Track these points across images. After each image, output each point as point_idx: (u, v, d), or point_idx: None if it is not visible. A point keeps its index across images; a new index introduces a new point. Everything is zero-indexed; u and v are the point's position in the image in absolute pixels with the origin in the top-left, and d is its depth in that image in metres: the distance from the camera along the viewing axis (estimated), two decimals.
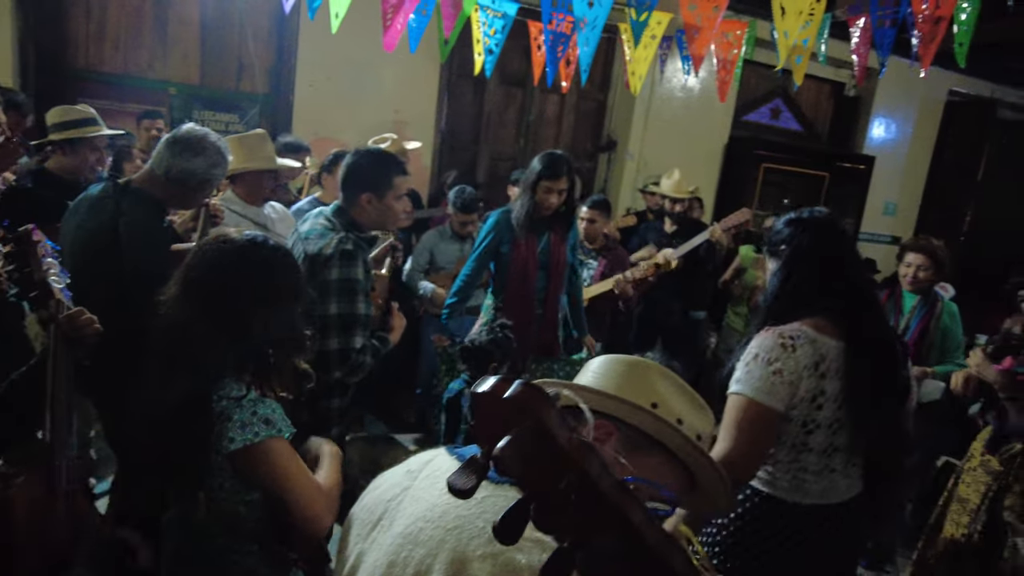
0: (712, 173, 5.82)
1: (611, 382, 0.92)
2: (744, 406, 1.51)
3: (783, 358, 1.49)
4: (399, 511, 0.85)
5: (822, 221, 1.71)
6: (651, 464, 0.87)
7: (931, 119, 6.67)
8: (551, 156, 2.79)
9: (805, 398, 1.50)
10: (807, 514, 1.58)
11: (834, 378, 1.52)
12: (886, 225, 6.67)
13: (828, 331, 1.54)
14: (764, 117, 6.15)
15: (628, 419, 0.87)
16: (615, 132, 5.60)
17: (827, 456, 1.56)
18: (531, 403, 0.40)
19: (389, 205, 2.10)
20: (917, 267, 3.09)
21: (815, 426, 1.53)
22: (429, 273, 3.61)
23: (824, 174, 6.07)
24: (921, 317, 3.12)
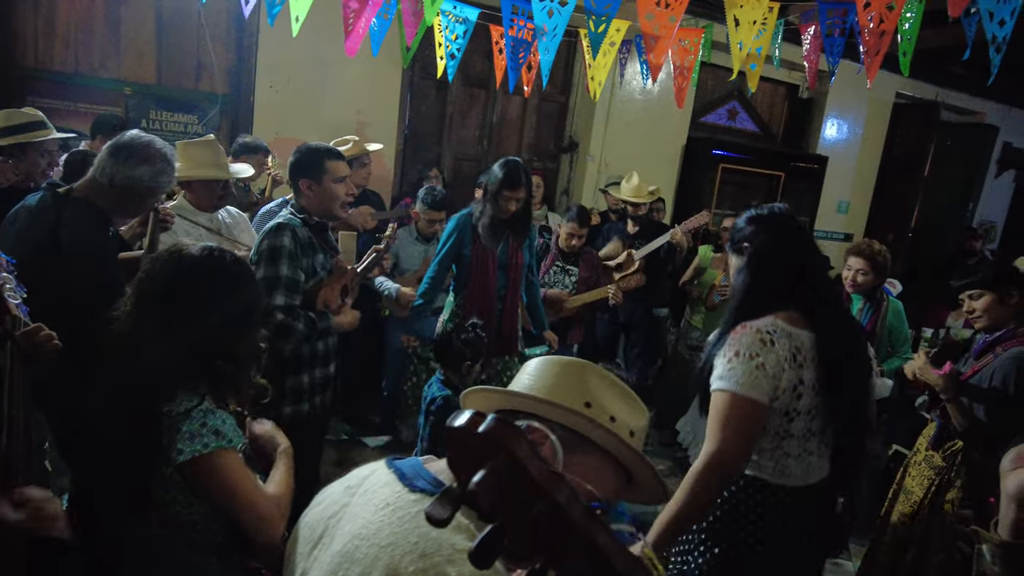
0: (672, 173, 5.93)
1: (545, 384, 0.94)
2: (731, 402, 1.55)
3: (764, 352, 1.55)
4: (338, 529, 0.87)
5: (782, 217, 1.77)
6: (588, 464, 0.90)
7: (880, 120, 6.90)
8: (510, 167, 2.91)
9: (787, 388, 1.56)
10: (791, 495, 1.65)
11: (810, 367, 1.58)
12: (839, 223, 6.89)
13: (800, 323, 1.61)
14: (722, 118, 6.29)
15: (562, 421, 0.90)
16: (577, 133, 5.66)
17: (805, 440, 1.63)
18: (504, 437, 0.43)
19: (327, 187, 2.28)
20: (857, 270, 3.21)
21: (796, 414, 1.60)
22: (394, 275, 3.60)
23: (780, 173, 6.24)
24: (869, 317, 3.24)
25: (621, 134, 5.55)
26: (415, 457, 0.92)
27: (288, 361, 2.23)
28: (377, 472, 0.90)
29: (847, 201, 6.85)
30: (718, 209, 6.05)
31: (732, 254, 1.79)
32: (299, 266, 2.18)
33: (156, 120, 4.28)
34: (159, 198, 2.21)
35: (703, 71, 3.44)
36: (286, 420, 2.23)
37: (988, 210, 7.99)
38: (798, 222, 1.79)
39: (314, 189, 2.28)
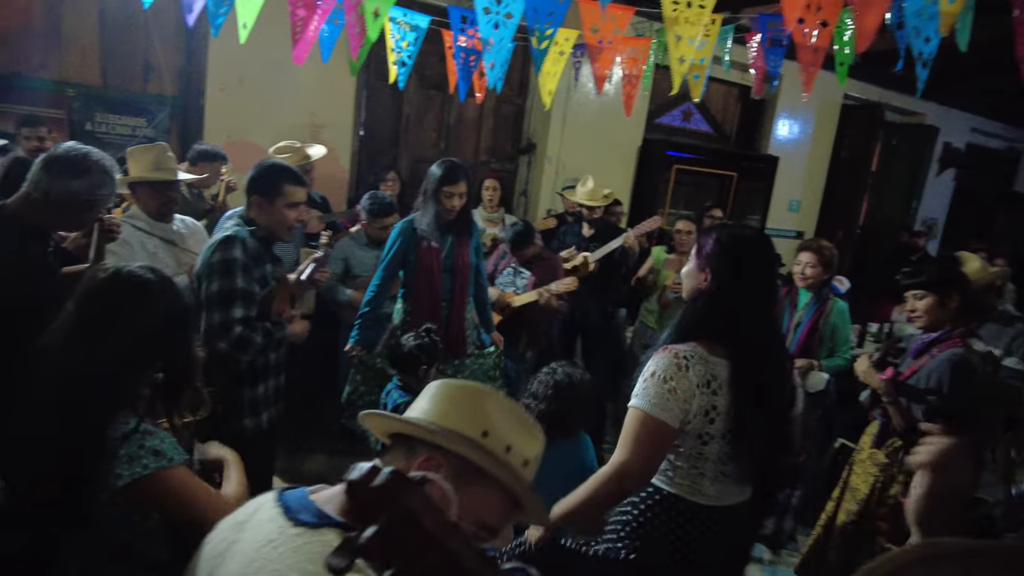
0: (628, 174, 6.02)
1: (444, 411, 0.96)
2: (641, 419, 1.59)
3: (677, 377, 1.58)
4: (222, 568, 0.87)
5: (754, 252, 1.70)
6: (481, 490, 0.92)
7: (829, 121, 7.10)
8: (448, 162, 2.99)
9: (698, 413, 1.60)
10: (704, 513, 1.69)
11: (725, 394, 1.61)
12: (790, 221, 7.08)
13: (719, 352, 1.64)
14: (676, 119, 6.40)
15: (456, 450, 0.92)
16: (534, 135, 5.70)
17: (722, 463, 1.66)
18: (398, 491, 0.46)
19: (279, 210, 2.24)
20: (806, 264, 3.33)
21: (709, 438, 1.63)
22: (345, 281, 3.59)
23: (733, 174, 6.38)
24: (812, 313, 3.36)
25: (577, 136, 5.61)
26: (302, 488, 0.92)
27: (245, 374, 2.23)
28: (265, 506, 0.90)
29: (798, 200, 7.05)
30: (673, 209, 6.17)
31: (694, 258, 1.75)
32: (252, 278, 2.17)
33: (102, 123, 4.18)
34: (101, 210, 2.16)
35: (658, 72, 3.51)
36: (248, 434, 2.23)
37: (930, 207, 8.30)
38: (769, 255, 1.73)
39: (265, 208, 2.24)
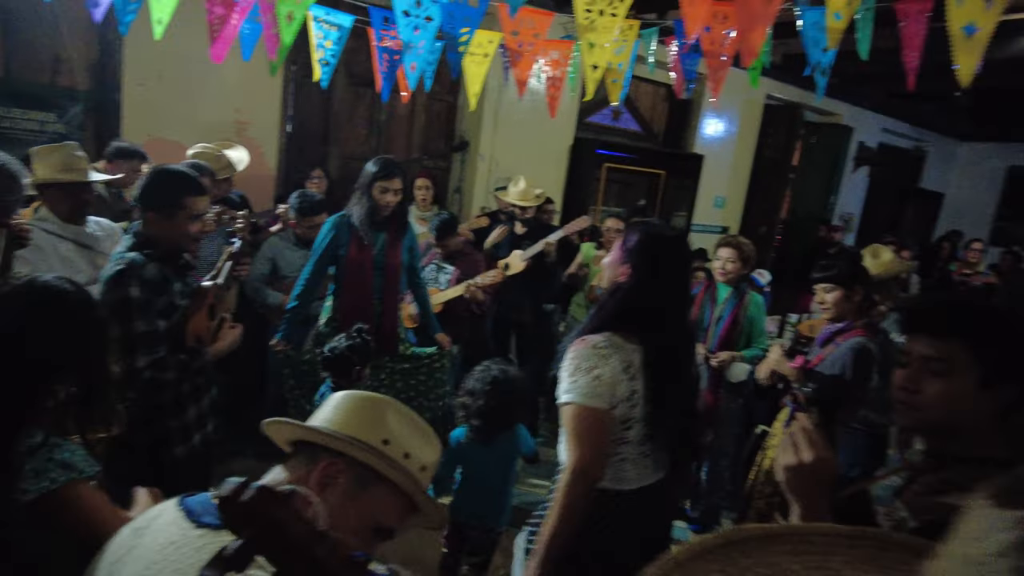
0: (560, 173, 6.11)
1: (345, 420, 1.00)
2: (578, 414, 1.63)
3: (601, 365, 1.64)
4: (123, 572, 0.88)
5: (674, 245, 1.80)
6: (378, 495, 0.97)
7: (752, 121, 7.39)
8: (383, 159, 2.98)
9: (623, 398, 1.67)
10: (626, 498, 1.75)
11: (641, 379, 1.69)
12: (716, 217, 7.34)
13: (631, 339, 1.72)
14: (606, 119, 6.53)
15: (357, 456, 0.96)
16: (467, 133, 5.72)
17: (642, 445, 1.74)
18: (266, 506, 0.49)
19: (180, 225, 2.04)
20: (726, 260, 3.48)
21: (633, 422, 1.71)
22: (273, 282, 3.53)
23: (661, 172, 6.57)
24: (732, 307, 3.52)
25: (510, 134, 5.66)
26: (206, 493, 0.94)
27: (168, 403, 2.10)
28: (166, 511, 0.92)
29: (723, 196, 7.31)
30: (605, 206, 6.31)
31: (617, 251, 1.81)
32: (153, 313, 1.98)
33: (6, 118, 3.96)
34: (8, 217, 2.07)
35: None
36: (180, 460, 2.15)
37: (847, 203, 8.76)
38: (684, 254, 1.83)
39: (163, 225, 2.03)
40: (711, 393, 3.56)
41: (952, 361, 1.17)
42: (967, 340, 1.17)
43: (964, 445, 1.21)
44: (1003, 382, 1.16)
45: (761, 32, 1.95)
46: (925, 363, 1.21)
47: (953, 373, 1.18)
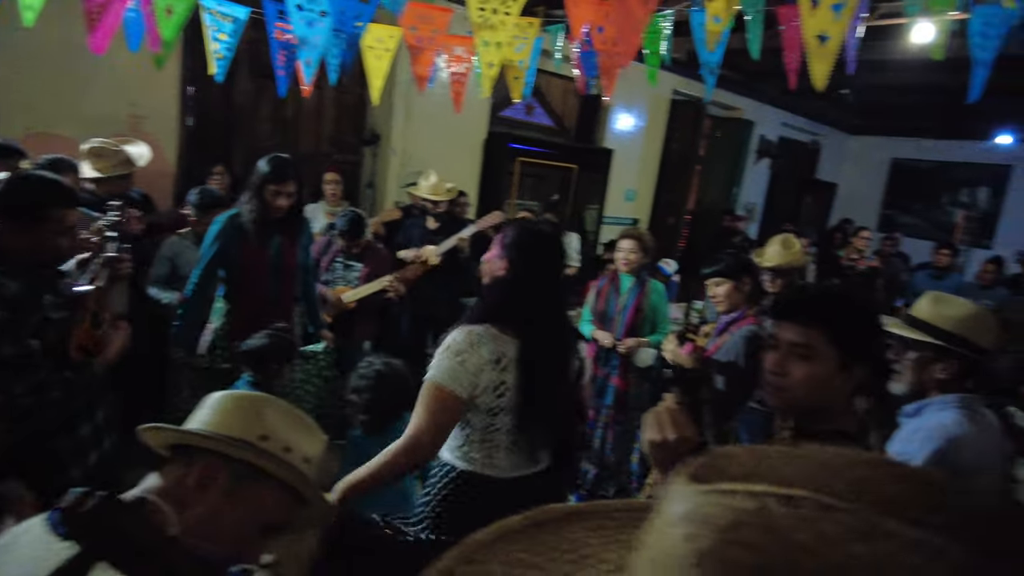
0: (474, 166, 6.14)
1: (221, 419, 1.01)
2: (434, 392, 1.69)
3: (469, 351, 1.70)
4: None
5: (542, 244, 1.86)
6: (261, 492, 0.98)
7: (660, 116, 7.64)
8: (276, 159, 2.83)
9: (488, 388, 1.72)
10: (500, 487, 1.79)
11: (513, 370, 1.74)
12: (627, 209, 7.56)
13: (509, 332, 1.76)
14: (519, 113, 6.61)
15: (235, 455, 0.97)
16: (378, 126, 5.65)
17: (513, 435, 1.78)
18: (109, 515, 0.49)
19: (45, 239, 1.81)
20: (628, 251, 3.61)
21: (499, 410, 1.75)
22: (173, 283, 3.39)
23: (573, 166, 6.71)
24: (635, 296, 3.66)
25: (422, 128, 5.63)
26: None
27: (56, 426, 1.95)
28: (32, 527, 0.90)
29: (634, 189, 7.54)
30: (520, 200, 6.39)
31: (496, 248, 1.86)
32: (21, 333, 1.78)
33: None
34: None
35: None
36: (77, 482, 2.01)
37: (750, 193, 9.20)
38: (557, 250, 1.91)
39: (22, 238, 1.79)
40: (620, 378, 3.69)
41: (814, 347, 1.30)
42: (826, 327, 1.30)
43: (825, 420, 1.34)
44: (856, 364, 1.30)
45: (638, 33, 2.03)
46: (791, 348, 1.33)
47: (815, 357, 1.30)
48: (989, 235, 9.49)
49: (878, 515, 0.24)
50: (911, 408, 1.87)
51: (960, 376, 1.79)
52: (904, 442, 1.77)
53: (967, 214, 9.48)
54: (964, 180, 9.92)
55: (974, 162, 9.74)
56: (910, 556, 0.23)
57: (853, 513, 0.24)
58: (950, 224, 9.59)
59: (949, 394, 1.79)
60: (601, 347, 3.69)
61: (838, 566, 0.23)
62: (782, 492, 0.25)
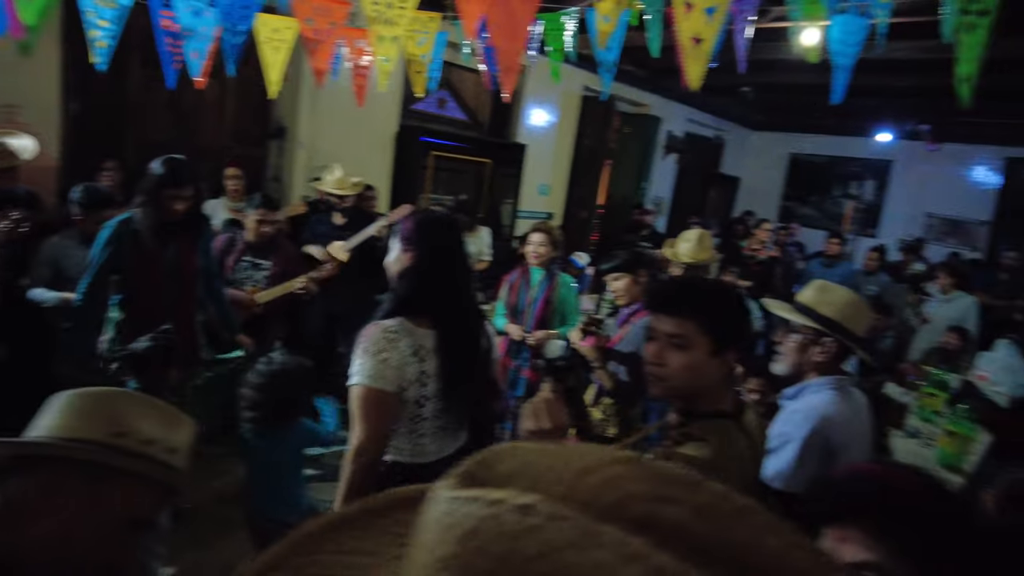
0: (385, 162, 6.05)
1: (65, 421, 0.95)
2: (364, 395, 1.69)
3: (388, 348, 1.71)
4: None
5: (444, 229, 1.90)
6: (118, 490, 0.93)
7: (571, 111, 7.78)
8: (172, 161, 2.70)
9: (413, 380, 1.75)
10: (427, 471, 1.82)
11: (432, 359, 1.78)
12: (541, 204, 7.66)
13: (424, 324, 1.79)
14: (432, 106, 6.56)
15: (79, 457, 0.91)
16: (284, 119, 5.48)
17: (439, 419, 1.83)
18: None
19: None
20: (538, 244, 3.68)
21: (425, 400, 1.79)
22: (56, 285, 3.17)
23: (487, 160, 6.73)
24: (545, 289, 3.73)
25: (330, 121, 5.50)
26: None
27: None
28: None
29: (547, 184, 7.65)
30: (434, 194, 6.36)
31: (396, 244, 1.88)
32: None
33: None
34: None
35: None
36: None
37: (659, 188, 9.52)
38: (457, 234, 1.94)
39: None
40: (532, 370, 3.75)
41: (689, 336, 1.38)
42: (699, 318, 1.39)
43: (705, 403, 1.44)
44: (727, 350, 1.40)
45: (519, 35, 2.07)
46: (668, 339, 1.41)
47: (690, 346, 1.39)
48: (874, 225, 10.22)
49: (597, 523, 0.25)
50: (791, 391, 2.01)
51: (835, 359, 1.95)
52: (784, 423, 1.90)
53: (855, 205, 10.18)
54: (853, 174, 10.62)
55: (861, 157, 10.45)
56: (624, 567, 0.23)
57: (574, 521, 0.25)
58: (841, 215, 10.26)
59: (825, 376, 1.93)
60: (513, 340, 3.74)
61: (559, 573, 0.24)
62: (519, 500, 0.26)
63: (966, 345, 5.24)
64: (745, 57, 2.70)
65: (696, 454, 1.32)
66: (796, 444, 1.79)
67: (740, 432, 1.42)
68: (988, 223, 9.28)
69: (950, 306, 5.64)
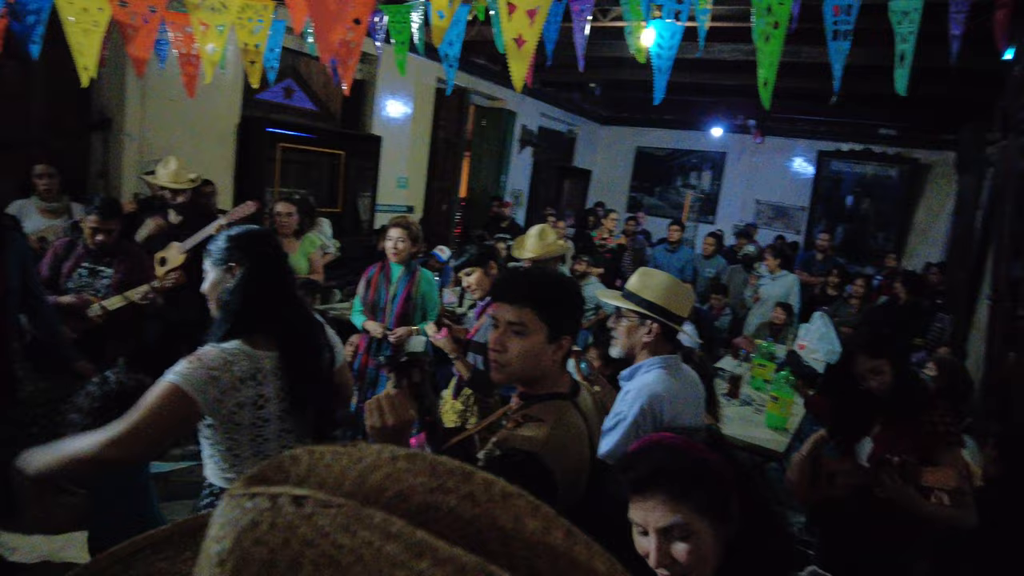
0: (228, 154, 5.68)
1: None
2: (170, 392, 1.51)
3: (222, 368, 1.60)
4: None
5: (265, 239, 1.80)
6: None
7: (426, 103, 7.72)
8: None
9: (246, 404, 1.64)
10: None
11: (273, 381, 1.68)
12: (400, 197, 7.56)
13: (260, 344, 1.68)
14: (277, 96, 6.24)
15: None
16: (107, 109, 4.97)
17: (281, 439, 1.74)
18: None
19: None
20: (397, 239, 3.62)
21: (264, 422, 1.69)
22: None
23: (340, 152, 6.53)
24: (406, 284, 3.69)
25: (162, 111, 5.07)
26: None
27: None
28: None
29: (405, 177, 7.56)
30: (284, 188, 6.07)
31: (212, 267, 1.77)
32: None
33: None
34: None
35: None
36: None
37: (516, 180, 9.73)
38: (277, 244, 1.85)
39: None
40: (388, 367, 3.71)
41: (527, 323, 1.45)
42: (535, 306, 1.46)
43: (541, 386, 1.53)
44: (562, 336, 1.49)
45: (335, 30, 2.03)
46: (509, 326, 1.47)
47: (529, 333, 1.46)
48: (712, 212, 11.11)
49: (366, 508, 0.27)
50: (627, 373, 2.15)
51: (662, 339, 2.10)
52: (620, 403, 2.03)
53: (694, 194, 11.00)
54: (692, 165, 11.47)
55: (699, 150, 11.30)
56: (388, 545, 0.26)
57: (342, 507, 0.27)
58: (682, 204, 11.06)
59: (654, 356, 2.08)
60: (373, 337, 3.67)
61: (330, 555, 0.26)
62: (295, 492, 0.28)
63: (790, 319, 5.86)
64: (584, 55, 2.82)
65: (533, 434, 1.38)
66: (627, 422, 1.91)
67: (575, 411, 1.51)
68: (806, 208, 10.40)
69: (776, 284, 6.27)
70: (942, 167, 9.24)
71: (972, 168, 6.73)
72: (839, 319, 5.66)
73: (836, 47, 2.20)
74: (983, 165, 6.43)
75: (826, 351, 5.19)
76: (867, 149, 9.81)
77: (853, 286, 6.01)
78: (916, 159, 9.51)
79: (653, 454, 1.14)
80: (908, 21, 2.36)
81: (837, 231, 9.82)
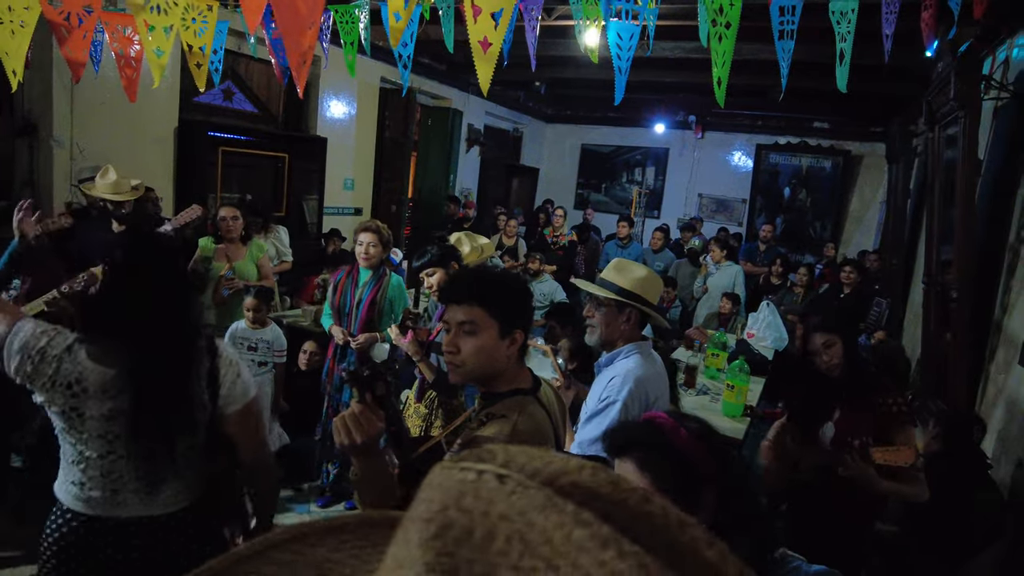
0: (167, 159, 5.48)
1: None
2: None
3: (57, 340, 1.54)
4: None
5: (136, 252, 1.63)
6: None
7: (370, 103, 7.61)
8: None
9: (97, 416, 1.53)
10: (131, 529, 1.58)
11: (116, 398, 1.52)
12: (348, 199, 7.44)
13: (102, 360, 1.52)
14: (217, 99, 6.05)
15: None
16: (34, 114, 4.72)
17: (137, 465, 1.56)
18: None
19: None
20: (368, 244, 3.54)
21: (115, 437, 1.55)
22: None
23: (284, 154, 6.38)
24: (371, 290, 3.62)
25: (94, 116, 4.85)
26: None
27: None
28: None
29: (351, 178, 7.43)
30: (227, 193, 5.89)
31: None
32: None
33: None
34: None
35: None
36: None
37: (465, 179, 9.69)
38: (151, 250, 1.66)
39: None
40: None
41: (478, 322, 1.46)
42: (483, 303, 1.47)
43: (500, 384, 1.54)
44: (514, 331, 1.50)
45: (304, 32, 1.99)
46: (460, 327, 1.47)
47: (480, 331, 1.46)
48: (657, 207, 11.32)
49: (560, 497, 0.30)
50: (604, 359, 2.20)
51: (637, 326, 2.16)
52: (603, 388, 2.08)
53: (639, 190, 11.19)
54: (637, 161, 11.66)
55: (642, 146, 11.49)
56: (578, 530, 0.28)
57: (539, 491, 0.30)
58: (629, 200, 11.23)
59: (631, 343, 2.14)
60: (338, 343, 3.62)
61: (521, 532, 0.29)
62: (499, 472, 0.31)
63: (737, 308, 6.03)
64: (535, 54, 2.83)
65: (497, 430, 1.40)
66: (619, 404, 1.98)
67: (538, 405, 1.52)
68: (747, 201, 10.71)
69: (721, 275, 6.44)
70: (872, 158, 9.67)
71: (901, 159, 7.07)
72: (784, 307, 5.86)
73: (782, 46, 2.28)
74: (911, 156, 6.77)
75: (774, 339, 5.37)
76: (803, 142, 10.17)
77: (796, 275, 6.23)
78: (848, 151, 9.92)
79: (637, 426, 1.21)
80: (846, 21, 2.47)
81: (777, 222, 10.16)
